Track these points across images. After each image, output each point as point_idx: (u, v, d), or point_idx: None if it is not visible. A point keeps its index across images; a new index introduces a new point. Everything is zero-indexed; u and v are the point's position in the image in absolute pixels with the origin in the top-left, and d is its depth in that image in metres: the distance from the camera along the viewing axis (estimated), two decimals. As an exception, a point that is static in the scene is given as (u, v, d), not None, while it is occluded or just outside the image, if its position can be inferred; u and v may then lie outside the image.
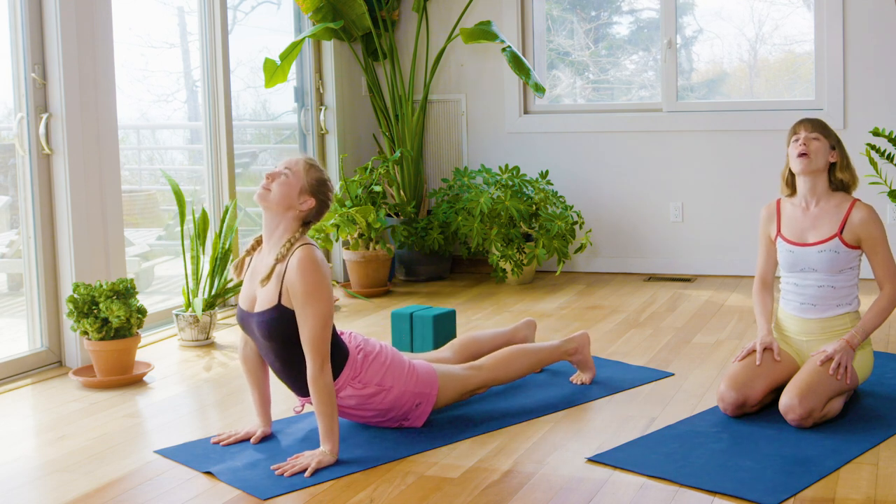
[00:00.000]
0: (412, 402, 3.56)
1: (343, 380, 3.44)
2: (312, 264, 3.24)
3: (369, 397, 3.49)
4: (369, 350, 3.51)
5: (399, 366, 3.55)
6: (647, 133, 6.46)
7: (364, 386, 3.47)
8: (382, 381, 3.50)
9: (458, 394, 3.70)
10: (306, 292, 3.22)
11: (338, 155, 6.44)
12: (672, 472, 3.13)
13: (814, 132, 3.70)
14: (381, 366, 3.51)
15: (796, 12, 6.53)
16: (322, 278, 3.25)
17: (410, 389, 3.55)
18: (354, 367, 3.46)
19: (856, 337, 3.61)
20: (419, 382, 3.57)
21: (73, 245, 4.48)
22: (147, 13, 5.68)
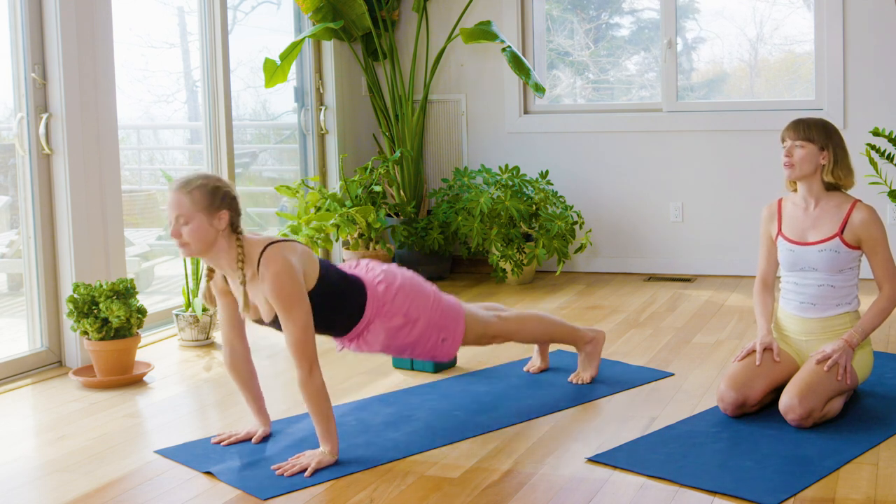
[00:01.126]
0: (437, 336, 3.58)
1: (369, 314, 3.45)
2: (283, 276, 3.16)
3: (397, 330, 3.50)
4: (391, 280, 3.52)
5: (423, 295, 3.56)
6: (647, 133, 6.46)
7: (391, 317, 3.48)
8: (409, 312, 3.52)
9: (478, 336, 3.73)
10: (284, 306, 3.18)
11: (338, 155, 6.44)
12: (672, 472, 3.13)
13: (799, 139, 3.66)
14: (406, 295, 3.52)
15: (796, 12, 6.53)
16: (294, 286, 3.17)
17: (436, 321, 3.57)
18: (377, 299, 3.47)
19: (855, 337, 3.61)
20: (444, 316, 3.59)
21: (73, 245, 4.48)
22: (147, 13, 5.68)
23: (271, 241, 3.25)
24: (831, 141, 3.66)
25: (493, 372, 4.32)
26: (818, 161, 3.66)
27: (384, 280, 3.52)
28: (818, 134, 3.66)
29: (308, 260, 3.31)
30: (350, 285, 3.46)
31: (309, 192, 5.89)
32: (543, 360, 4.31)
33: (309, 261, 3.32)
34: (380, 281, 3.52)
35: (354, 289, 3.46)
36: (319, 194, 5.89)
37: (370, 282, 3.51)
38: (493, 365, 4.43)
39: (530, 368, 4.30)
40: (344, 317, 3.49)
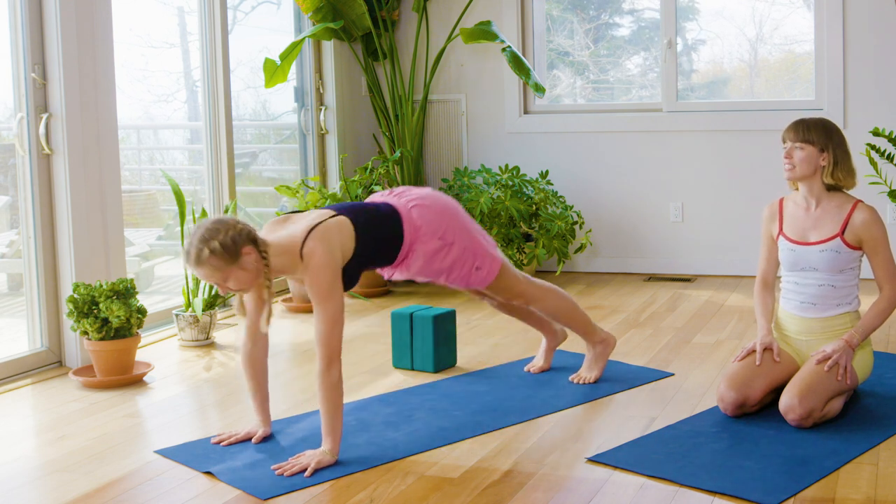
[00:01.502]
0: (472, 263, 3.63)
1: (408, 240, 3.50)
2: (321, 271, 3.23)
3: (434, 254, 3.55)
4: (424, 203, 3.57)
5: (457, 219, 3.62)
6: (647, 133, 6.46)
7: (427, 241, 3.53)
8: (444, 236, 3.57)
9: (506, 286, 3.78)
10: (317, 298, 3.23)
11: (338, 155, 6.44)
12: (672, 472, 3.13)
13: (798, 140, 3.66)
14: (440, 218, 3.57)
15: (796, 12, 6.53)
16: (331, 280, 3.23)
17: (470, 248, 3.62)
18: (412, 223, 3.53)
19: (855, 337, 3.61)
20: (479, 244, 3.66)
21: (73, 245, 4.48)
22: (147, 13, 5.68)
23: (311, 227, 3.27)
24: (831, 142, 3.65)
25: (493, 372, 4.32)
26: (818, 163, 3.65)
27: (417, 204, 3.57)
28: (818, 135, 3.65)
29: (345, 235, 3.35)
30: (385, 220, 3.52)
31: (309, 192, 5.89)
32: (546, 360, 4.31)
33: (346, 236, 3.36)
34: (413, 206, 3.57)
35: (390, 221, 3.52)
36: (319, 194, 5.88)
37: (403, 207, 3.57)
38: (493, 365, 4.43)
39: (531, 368, 4.30)
40: (385, 251, 3.54)
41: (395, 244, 3.54)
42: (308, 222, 3.32)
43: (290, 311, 5.64)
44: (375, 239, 3.47)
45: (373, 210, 3.53)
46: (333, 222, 3.34)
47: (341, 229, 3.35)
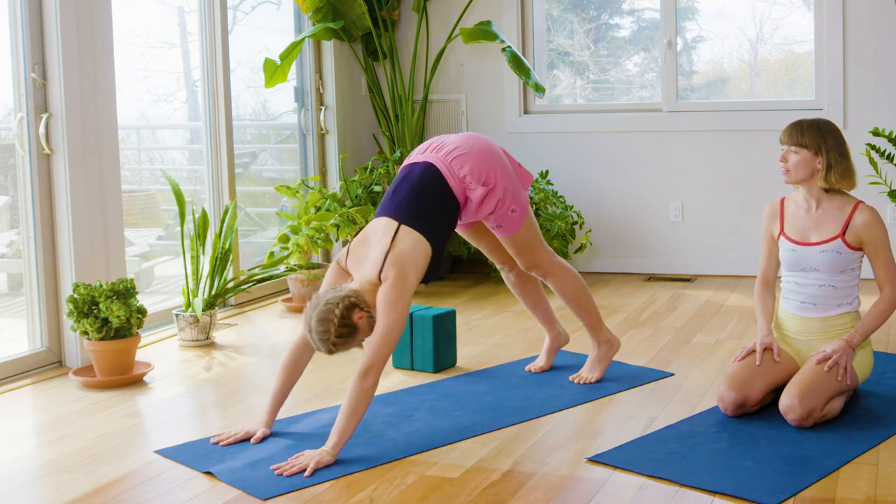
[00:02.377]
0: (510, 204, 3.74)
1: (459, 195, 3.65)
2: (393, 288, 3.39)
3: (481, 200, 3.68)
4: (462, 151, 3.69)
5: (493, 158, 3.72)
6: (647, 133, 6.46)
7: (473, 189, 3.67)
8: (487, 180, 3.68)
9: (529, 248, 3.87)
10: (384, 308, 3.36)
11: (338, 155, 6.44)
12: (672, 472, 3.13)
13: (792, 144, 3.66)
14: (478, 161, 3.68)
15: (796, 12, 6.53)
16: (400, 297, 3.38)
17: (511, 189, 3.75)
18: (456, 176, 3.65)
19: (855, 337, 3.61)
20: (518, 187, 3.78)
21: (73, 245, 4.48)
22: (147, 13, 5.68)
23: (385, 254, 3.45)
24: (825, 144, 3.62)
25: (493, 372, 4.32)
26: (814, 166, 3.64)
27: (456, 156, 3.69)
28: (811, 139, 3.62)
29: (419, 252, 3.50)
30: (435, 190, 3.64)
31: (309, 192, 5.89)
32: (547, 360, 4.31)
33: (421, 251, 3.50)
34: (452, 158, 3.68)
35: (439, 188, 3.65)
36: (319, 194, 5.88)
37: (444, 162, 3.67)
38: (494, 365, 4.43)
39: (532, 368, 4.30)
40: (449, 219, 3.67)
41: (453, 203, 3.67)
42: (381, 247, 3.48)
43: (290, 311, 5.64)
44: (440, 222, 3.62)
45: (418, 188, 3.63)
46: (406, 245, 3.48)
47: (416, 248, 3.50)
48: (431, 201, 3.62)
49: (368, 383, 3.29)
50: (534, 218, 3.90)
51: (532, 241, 3.90)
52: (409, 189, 3.63)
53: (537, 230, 3.91)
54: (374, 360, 3.30)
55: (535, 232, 3.90)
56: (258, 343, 4.95)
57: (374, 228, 3.58)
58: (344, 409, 3.28)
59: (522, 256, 3.95)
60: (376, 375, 3.31)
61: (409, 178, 3.67)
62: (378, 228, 3.57)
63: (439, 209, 3.63)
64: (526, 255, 3.93)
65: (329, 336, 3.27)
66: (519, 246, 3.91)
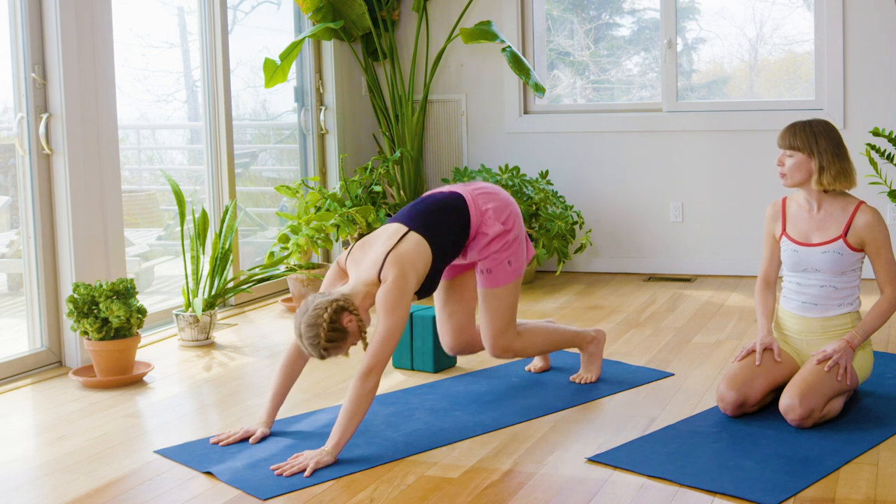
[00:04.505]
0: (511, 255, 3.76)
1: (475, 223, 3.69)
2: (393, 288, 3.38)
3: (494, 237, 3.72)
4: (489, 191, 3.77)
5: (515, 208, 3.80)
6: (647, 133, 6.46)
7: (492, 223, 3.70)
8: (506, 221, 3.75)
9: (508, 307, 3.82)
10: (384, 309, 3.37)
11: (338, 155, 6.44)
12: (672, 472, 3.13)
13: (787, 148, 3.65)
14: (503, 204, 3.75)
15: (796, 12, 6.53)
16: (400, 297, 3.37)
17: (520, 240, 3.80)
18: (478, 207, 3.71)
19: (856, 337, 3.61)
20: (524, 243, 3.84)
21: (73, 245, 4.48)
22: (147, 13, 5.68)
23: (387, 253, 3.44)
24: (818, 146, 3.61)
25: (493, 372, 4.32)
26: (809, 168, 3.63)
27: (483, 192, 3.76)
28: (803, 142, 3.62)
29: (421, 255, 3.50)
30: (452, 210, 3.68)
31: (309, 192, 5.89)
32: (545, 359, 4.31)
33: (422, 255, 3.51)
34: (479, 193, 3.75)
35: (457, 209, 3.69)
36: (319, 194, 5.88)
37: (469, 194, 3.74)
38: (494, 365, 4.43)
39: (532, 368, 4.30)
40: (456, 243, 3.70)
41: (464, 235, 3.70)
42: (385, 246, 3.48)
43: (290, 311, 5.64)
44: (448, 245, 3.64)
45: (439, 206, 3.67)
46: (410, 247, 3.48)
47: (418, 251, 3.50)
48: (447, 219, 3.65)
49: (369, 385, 3.29)
50: (519, 291, 3.86)
51: (508, 309, 3.81)
52: (429, 204, 3.68)
53: (516, 303, 3.85)
54: (375, 361, 3.31)
55: (515, 301, 3.83)
56: (258, 343, 4.95)
57: (380, 231, 3.60)
58: (344, 409, 3.28)
59: (493, 325, 3.82)
60: (377, 377, 3.31)
61: (431, 197, 3.74)
62: (385, 231, 3.58)
63: (452, 228, 3.65)
64: (496, 324, 3.81)
65: (319, 341, 3.26)
66: (493, 310, 3.80)
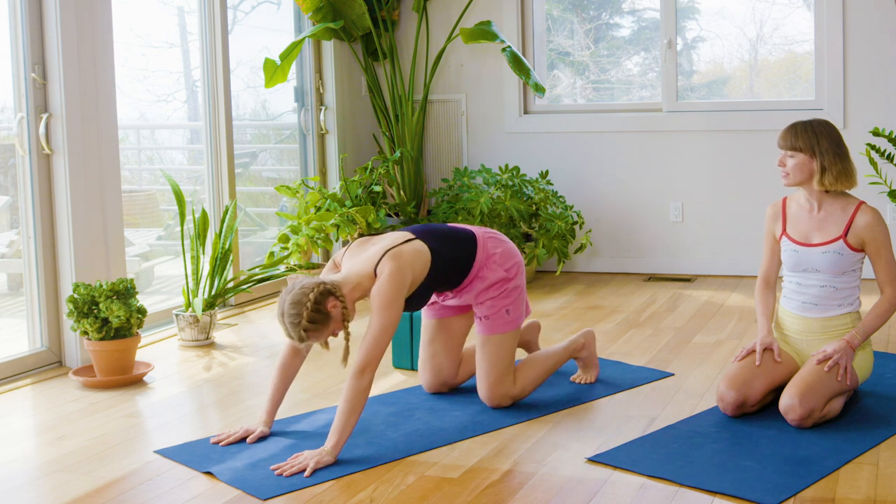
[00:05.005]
0: (510, 303, 3.75)
1: (478, 263, 3.68)
2: (387, 284, 3.37)
3: (494, 283, 3.71)
4: (500, 238, 3.79)
5: (521, 260, 3.81)
6: (647, 133, 6.46)
7: (495, 269, 3.71)
8: (510, 269, 3.75)
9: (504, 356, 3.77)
10: (378, 306, 3.35)
11: (338, 155, 6.44)
12: (672, 472, 3.13)
13: (789, 148, 3.65)
14: (510, 252, 3.76)
15: (796, 12, 6.53)
16: (394, 294, 3.35)
17: (520, 291, 3.79)
18: (486, 249, 3.71)
19: (856, 338, 3.61)
20: (523, 296, 3.81)
21: (73, 245, 4.48)
22: (147, 13, 5.68)
23: (387, 249, 3.43)
24: (819, 147, 3.61)
25: (493, 372, 4.32)
26: (811, 168, 3.63)
27: (494, 237, 3.78)
28: (805, 142, 3.62)
29: (419, 260, 3.50)
30: (460, 242, 3.70)
31: (309, 192, 5.89)
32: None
33: (421, 261, 3.51)
34: (490, 237, 3.77)
35: (465, 244, 3.70)
36: (319, 194, 5.88)
37: (481, 235, 3.76)
38: (493, 365, 4.43)
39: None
40: (455, 273, 3.68)
41: (466, 267, 3.68)
42: (385, 245, 3.48)
43: (290, 311, 5.63)
44: (448, 262, 3.63)
45: (449, 232, 3.72)
46: (410, 247, 3.49)
47: (417, 254, 3.50)
48: (452, 246, 3.66)
49: (364, 382, 3.28)
50: (516, 342, 3.82)
51: (503, 357, 3.75)
52: (440, 228, 3.73)
53: (514, 353, 3.80)
54: (369, 358, 3.29)
55: (512, 350, 3.78)
56: (258, 343, 4.95)
57: (384, 234, 3.61)
58: (341, 408, 3.28)
59: (490, 373, 3.75)
60: (371, 373, 3.29)
61: (444, 225, 3.79)
62: (389, 235, 3.59)
63: (455, 255, 3.65)
64: (492, 372, 3.75)
65: (300, 321, 3.24)
66: (489, 357, 3.75)
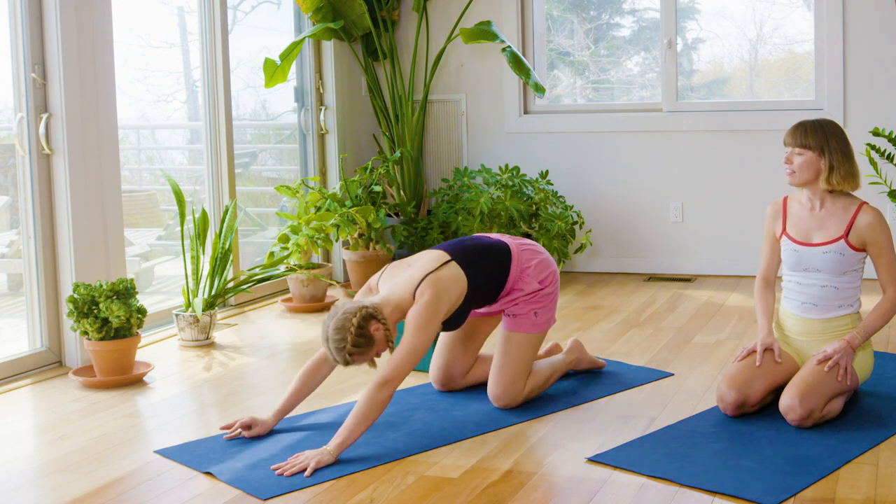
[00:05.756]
0: (538, 307, 3.78)
1: (513, 277, 3.73)
2: (423, 309, 3.44)
3: (529, 294, 3.75)
4: (535, 249, 3.84)
5: (556, 271, 3.87)
6: (647, 133, 6.46)
7: (530, 280, 3.75)
8: (543, 281, 3.79)
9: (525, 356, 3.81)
10: (412, 328, 3.42)
11: (338, 155, 6.44)
12: (672, 472, 3.13)
13: (798, 146, 3.65)
14: (545, 264, 3.81)
15: (796, 12, 6.53)
16: (429, 319, 3.43)
17: (552, 300, 3.83)
18: (520, 263, 3.75)
19: (857, 338, 3.61)
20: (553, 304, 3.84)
21: (73, 245, 4.48)
22: (147, 13, 5.68)
23: (427, 273, 3.51)
24: (829, 146, 3.62)
25: (493, 372, 4.32)
26: (818, 167, 3.63)
27: (528, 249, 3.82)
28: (815, 140, 3.62)
29: (457, 285, 3.56)
30: (495, 256, 3.73)
31: (309, 192, 5.89)
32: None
33: (458, 286, 3.57)
34: (525, 249, 3.81)
35: (499, 257, 3.74)
36: (319, 194, 5.88)
37: (516, 247, 3.79)
38: (493, 365, 4.43)
39: None
40: (491, 290, 3.73)
41: (501, 282, 3.73)
42: (423, 268, 3.54)
43: (290, 311, 5.64)
44: (483, 283, 3.68)
45: (484, 247, 3.75)
46: (448, 274, 3.54)
47: (454, 281, 3.56)
48: (488, 263, 3.70)
49: (383, 395, 3.32)
50: (538, 347, 3.86)
51: (522, 359, 3.78)
52: (474, 244, 3.75)
53: (532, 359, 3.83)
54: (393, 374, 3.34)
55: (532, 355, 3.82)
56: (258, 343, 4.95)
57: (420, 255, 3.67)
58: (354, 413, 3.30)
59: (505, 372, 3.77)
60: (392, 389, 3.34)
61: (478, 238, 3.82)
62: (425, 255, 3.64)
63: (490, 273, 3.70)
64: (507, 372, 3.76)
65: (345, 345, 3.31)
66: (508, 355, 3.77)
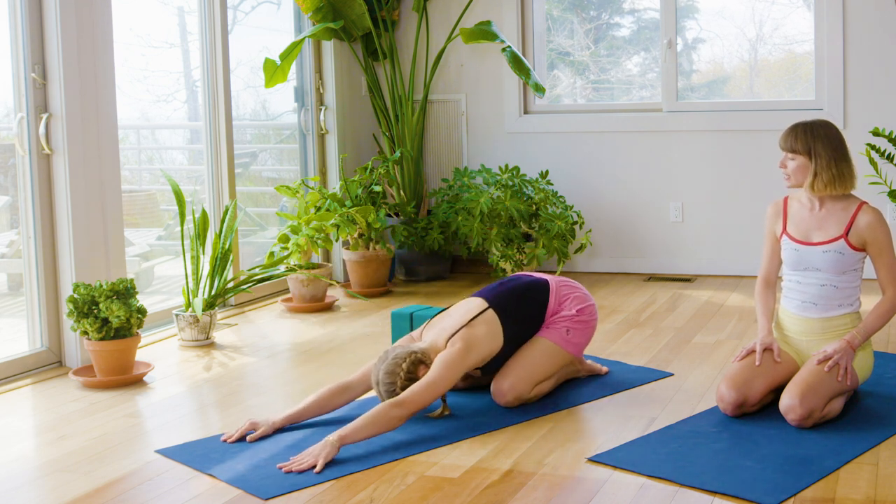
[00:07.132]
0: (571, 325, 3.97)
1: (552, 308, 3.93)
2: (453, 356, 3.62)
3: (567, 318, 3.94)
4: (573, 283, 4.06)
5: (591, 304, 4.05)
6: (647, 133, 6.46)
7: (571, 307, 3.95)
8: (582, 311, 3.98)
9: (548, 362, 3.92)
10: (439, 368, 3.56)
11: (338, 155, 6.44)
12: (672, 472, 3.13)
13: (788, 150, 3.66)
14: (583, 296, 4.03)
15: (796, 12, 6.53)
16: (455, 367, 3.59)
17: (589, 324, 4.01)
18: (559, 295, 3.97)
19: (856, 338, 3.61)
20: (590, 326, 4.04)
21: (73, 245, 4.48)
22: (147, 13, 5.68)
23: (462, 325, 3.72)
24: (815, 151, 3.62)
25: (493, 372, 4.32)
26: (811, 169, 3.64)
27: (567, 283, 4.04)
28: (803, 145, 3.63)
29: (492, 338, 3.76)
30: (533, 292, 3.94)
31: (309, 192, 5.89)
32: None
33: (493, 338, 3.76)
34: (564, 284, 4.02)
35: (537, 293, 3.95)
36: (319, 194, 5.89)
37: (554, 283, 4.00)
38: (493, 365, 4.43)
39: None
40: (530, 326, 3.93)
41: (539, 318, 3.94)
42: (461, 318, 3.76)
43: (289, 311, 5.64)
44: (518, 329, 3.87)
45: (523, 288, 3.94)
46: (482, 332, 3.73)
47: (488, 337, 3.74)
48: (528, 309, 3.90)
49: (394, 413, 3.40)
50: (560, 365, 3.95)
51: (541, 365, 3.87)
52: (514, 287, 3.94)
53: (551, 371, 3.92)
54: (411, 400, 3.45)
55: (552, 367, 3.91)
56: (258, 343, 4.95)
57: (460, 304, 3.87)
58: (366, 416, 3.37)
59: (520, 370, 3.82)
60: (407, 413, 3.43)
61: (518, 279, 4.01)
62: (464, 305, 3.84)
63: (529, 317, 3.90)
64: (523, 371, 3.82)
65: (395, 388, 3.54)
66: (529, 356, 3.87)
